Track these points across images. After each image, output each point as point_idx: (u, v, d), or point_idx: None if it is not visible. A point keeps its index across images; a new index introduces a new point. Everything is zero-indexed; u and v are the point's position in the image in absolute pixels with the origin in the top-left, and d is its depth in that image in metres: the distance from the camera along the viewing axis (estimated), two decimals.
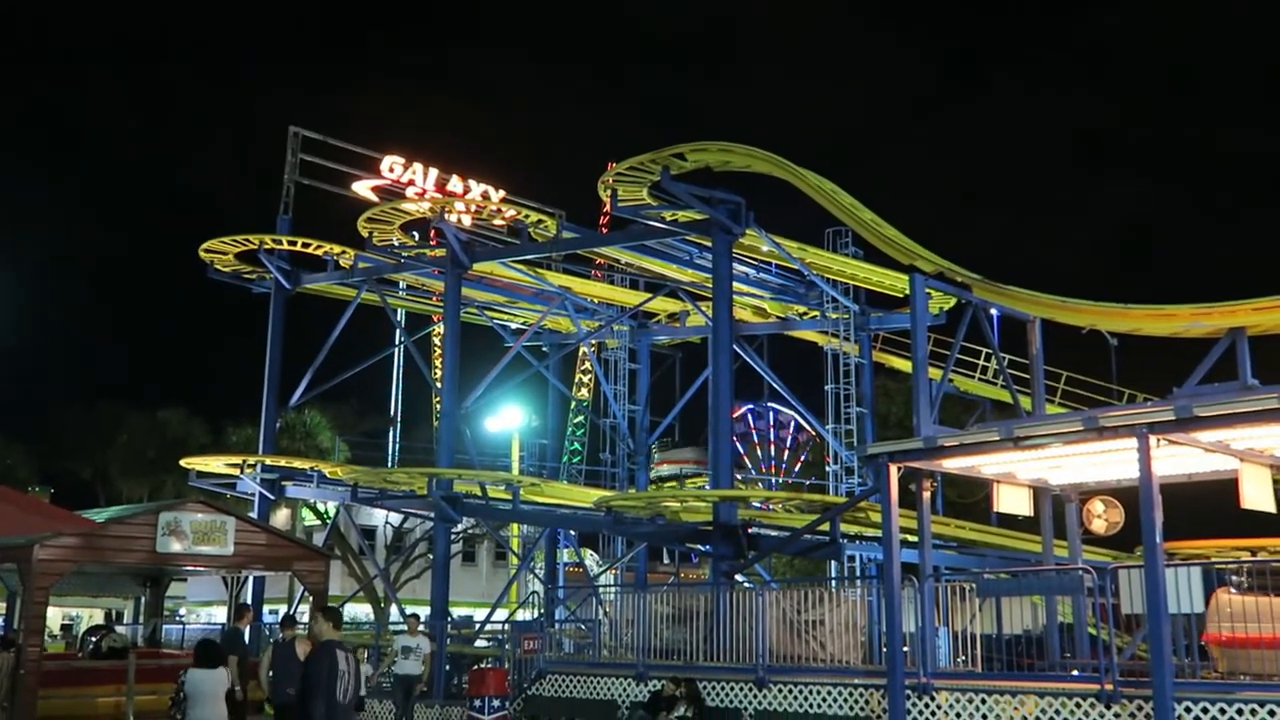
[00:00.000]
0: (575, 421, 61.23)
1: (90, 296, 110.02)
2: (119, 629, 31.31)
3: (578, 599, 37.29)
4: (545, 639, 22.35)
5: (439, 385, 36.51)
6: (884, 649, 17.16)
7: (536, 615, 31.64)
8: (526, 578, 46.73)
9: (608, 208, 29.56)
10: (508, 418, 47.48)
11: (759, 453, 66.70)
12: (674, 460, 45.68)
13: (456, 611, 39.75)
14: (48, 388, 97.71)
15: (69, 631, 48.84)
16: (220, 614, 46.68)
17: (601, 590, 31.03)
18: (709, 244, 28.47)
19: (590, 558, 52.37)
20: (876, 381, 37.12)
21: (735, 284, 29.64)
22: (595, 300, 38.08)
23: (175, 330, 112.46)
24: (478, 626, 32.38)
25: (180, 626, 36.88)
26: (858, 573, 29.19)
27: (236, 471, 34.33)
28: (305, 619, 23.84)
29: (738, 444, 62.89)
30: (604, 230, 39.49)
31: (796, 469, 62.63)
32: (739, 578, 26.26)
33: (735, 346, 30.34)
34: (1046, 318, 20.06)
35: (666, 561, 58.41)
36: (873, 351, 35.29)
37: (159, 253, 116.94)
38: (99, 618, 48.52)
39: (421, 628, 21.48)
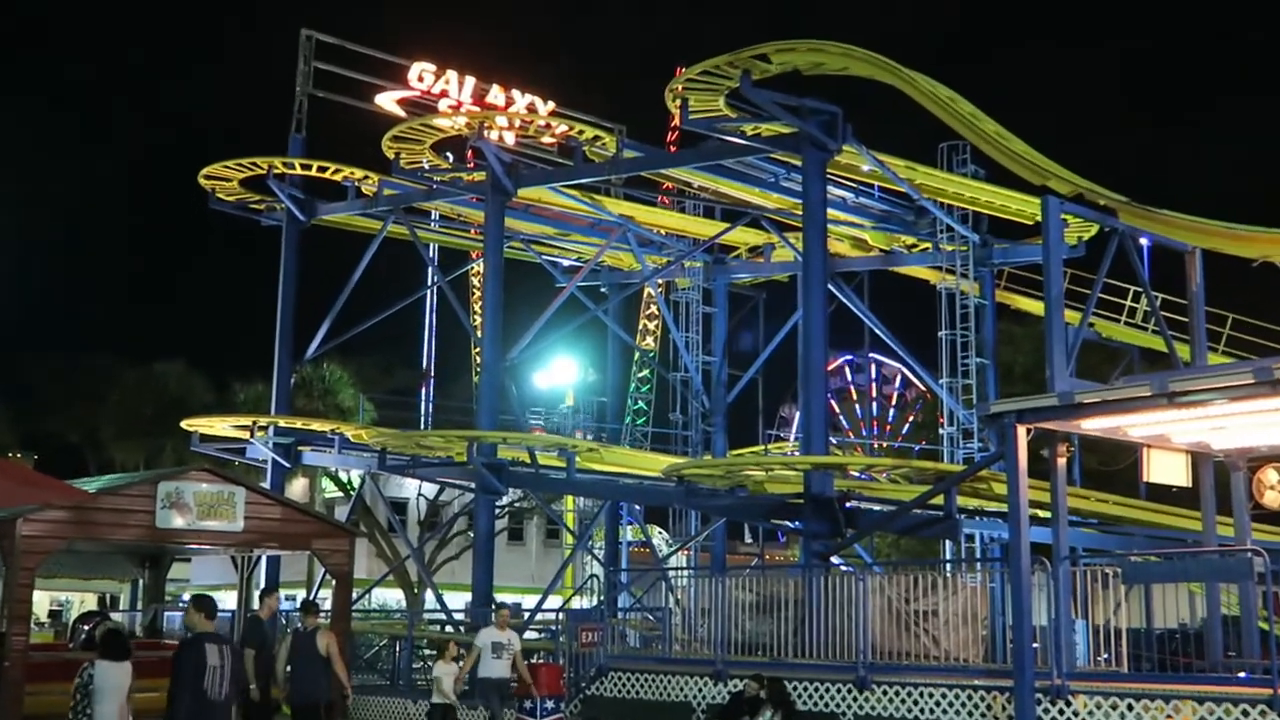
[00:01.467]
0: (640, 376, 61.36)
1: (75, 235, 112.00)
2: (114, 616, 32.12)
3: (644, 584, 37.59)
4: (606, 630, 22.54)
5: (479, 333, 36.74)
6: (1009, 645, 17.06)
7: (596, 603, 31.93)
8: (583, 559, 47.13)
9: (677, 121, 29.37)
10: (560, 371, 47.75)
11: (859, 412, 66.65)
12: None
13: (502, 598, 40.13)
14: (28, 339, 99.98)
15: (58, 618, 50.20)
16: (229, 599, 47.59)
17: (672, 574, 31.19)
18: (798, 163, 28.20)
19: (658, 536, 52.62)
20: (1000, 326, 36.74)
21: (830, 210, 29.37)
22: (663, 232, 37.96)
23: (172, 272, 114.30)
24: (527, 616, 32.75)
25: (184, 613, 37.74)
26: (977, 554, 29.04)
27: (246, 434, 34.92)
28: (329, 605, 24.27)
29: (833, 402, 62.82)
30: (672, 148, 39.30)
31: (904, 431, 62.40)
32: (835, 560, 26.26)
33: (830, 285, 30.11)
34: (1209, 248, 19.65)
35: (749, 540, 58.42)
36: (996, 291, 34.91)
37: (152, 182, 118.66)
38: (91, 603, 49.77)
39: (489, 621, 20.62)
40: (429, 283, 42.07)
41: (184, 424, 35.75)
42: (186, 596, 58.27)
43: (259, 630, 18.61)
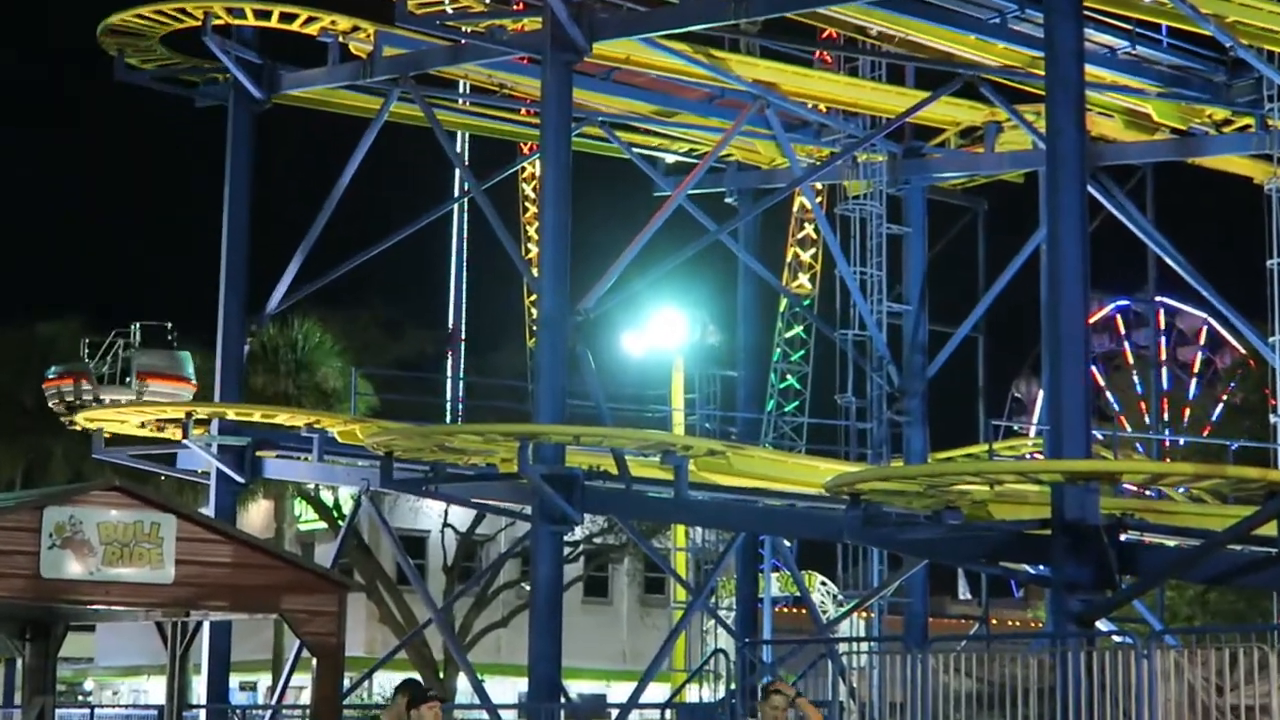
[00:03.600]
0: (789, 336, 61.12)
1: None
2: None
3: (799, 664, 37.50)
4: None
5: (535, 271, 36.80)
6: None
7: (723, 694, 31.99)
8: (703, 626, 47.13)
9: None
10: (662, 330, 47.74)
11: (1140, 389, 65.76)
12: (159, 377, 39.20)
13: (577, 687, 40.35)
14: None
15: None
16: (156, 688, 48.40)
17: (843, 648, 31.13)
18: None
19: (821, 589, 52.48)
20: None
21: (1089, 69, 28.97)
22: (822, 108, 37.67)
23: (60, 184, 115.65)
24: (615, 715, 32.88)
25: (85, 711, 38.46)
26: None
27: (176, 433, 35.33)
28: (307, 695, 24.59)
29: (1099, 374, 62.10)
30: None
31: (1213, 419, 61.46)
32: (1103, 625, 26.02)
33: (1092, 188, 29.70)
34: None
35: (965, 596, 58.11)
36: None
37: (25, 43, 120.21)
38: None
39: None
40: (456, 193, 42.24)
41: (81, 419, 36.25)
42: (90, 685, 59.44)
43: None
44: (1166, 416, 64.33)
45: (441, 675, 43.59)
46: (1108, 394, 65.05)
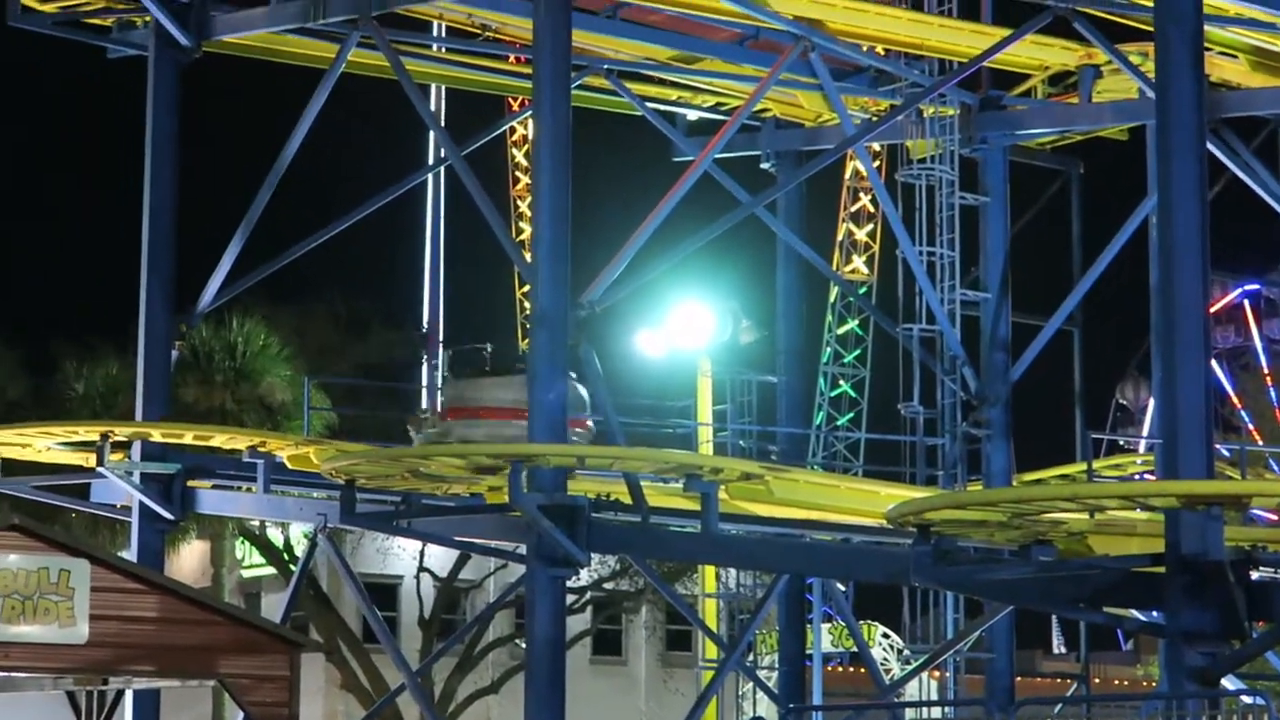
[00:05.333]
0: (841, 332, 61.17)
1: None
2: None
3: None
4: None
5: (528, 257, 36.83)
6: None
7: None
8: (739, 689, 47.10)
9: None
10: (684, 326, 47.72)
11: (1274, 394, 65.59)
12: None
13: None
14: None
15: None
16: None
17: (910, 716, 31.18)
18: None
19: (883, 643, 52.43)
20: None
21: None
22: (880, 50, 37.66)
23: None
24: None
25: None
26: None
27: (89, 459, 35.29)
28: None
29: (1222, 374, 62.03)
30: None
31: None
32: (1229, 682, 26.01)
33: (1211, 145, 29.65)
34: None
35: (1059, 650, 58.17)
36: None
37: None
38: None
39: None
40: (430, 161, 42.26)
41: None
42: None
43: None
44: None
45: None
46: (1234, 399, 65.01)
